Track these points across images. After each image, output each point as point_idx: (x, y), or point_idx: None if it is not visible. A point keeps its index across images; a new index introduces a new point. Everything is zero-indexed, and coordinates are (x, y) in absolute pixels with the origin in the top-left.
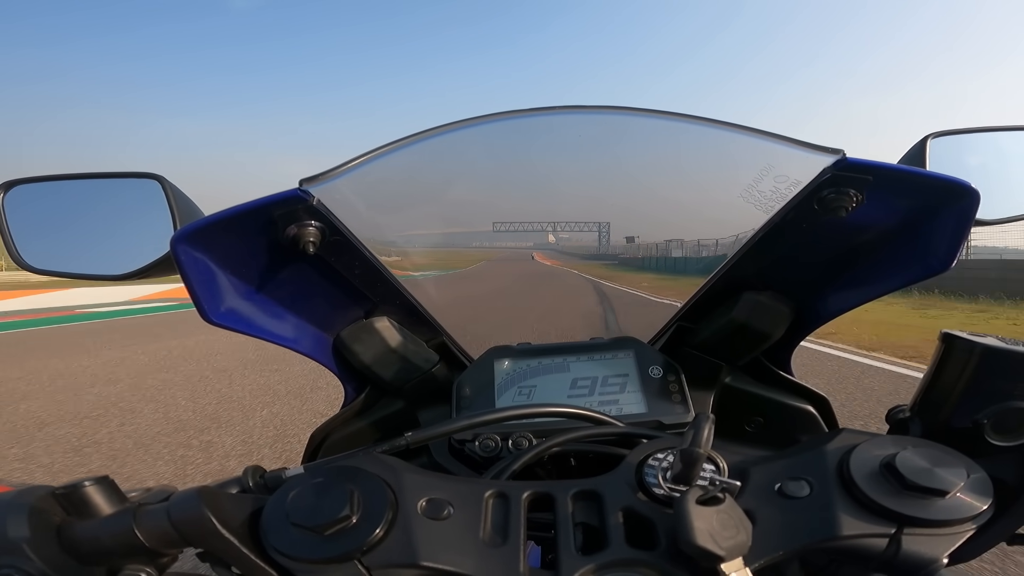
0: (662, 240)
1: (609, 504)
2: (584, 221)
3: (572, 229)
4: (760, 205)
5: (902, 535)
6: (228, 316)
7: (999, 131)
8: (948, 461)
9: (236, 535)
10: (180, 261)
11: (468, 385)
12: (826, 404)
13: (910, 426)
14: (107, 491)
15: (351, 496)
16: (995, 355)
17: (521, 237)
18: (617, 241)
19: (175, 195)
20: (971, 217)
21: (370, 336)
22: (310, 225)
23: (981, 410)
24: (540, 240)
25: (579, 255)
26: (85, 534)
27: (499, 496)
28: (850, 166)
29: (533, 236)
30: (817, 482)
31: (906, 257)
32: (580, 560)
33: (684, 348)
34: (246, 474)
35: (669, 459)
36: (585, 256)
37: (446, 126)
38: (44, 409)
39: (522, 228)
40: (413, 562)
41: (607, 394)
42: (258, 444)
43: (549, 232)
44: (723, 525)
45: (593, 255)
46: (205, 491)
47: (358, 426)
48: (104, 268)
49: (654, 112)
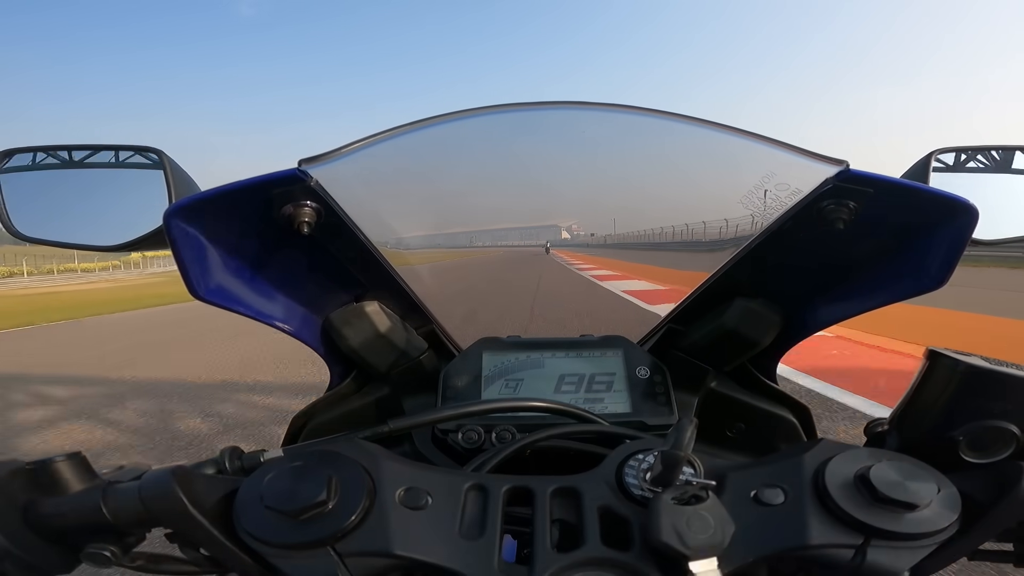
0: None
1: (587, 502)
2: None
3: (572, 233)
4: (759, 212)
5: (868, 546)
6: (217, 292)
7: (1003, 150)
8: (920, 475)
9: (207, 516)
10: (172, 235)
11: (455, 375)
12: (807, 414)
13: (887, 439)
14: (77, 468)
15: (328, 481)
16: (977, 375)
17: (520, 233)
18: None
19: (173, 169)
20: (967, 235)
21: (359, 320)
22: (306, 206)
23: (958, 427)
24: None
25: (588, 245)
26: (51, 510)
27: (478, 489)
28: (853, 178)
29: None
30: (792, 490)
31: (900, 272)
32: (555, 557)
33: (672, 350)
34: (223, 455)
35: (650, 460)
36: (588, 247)
37: (451, 114)
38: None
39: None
40: (387, 551)
41: (593, 392)
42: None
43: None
44: (697, 525)
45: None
46: (179, 471)
47: (342, 411)
48: (95, 239)
49: (658, 112)
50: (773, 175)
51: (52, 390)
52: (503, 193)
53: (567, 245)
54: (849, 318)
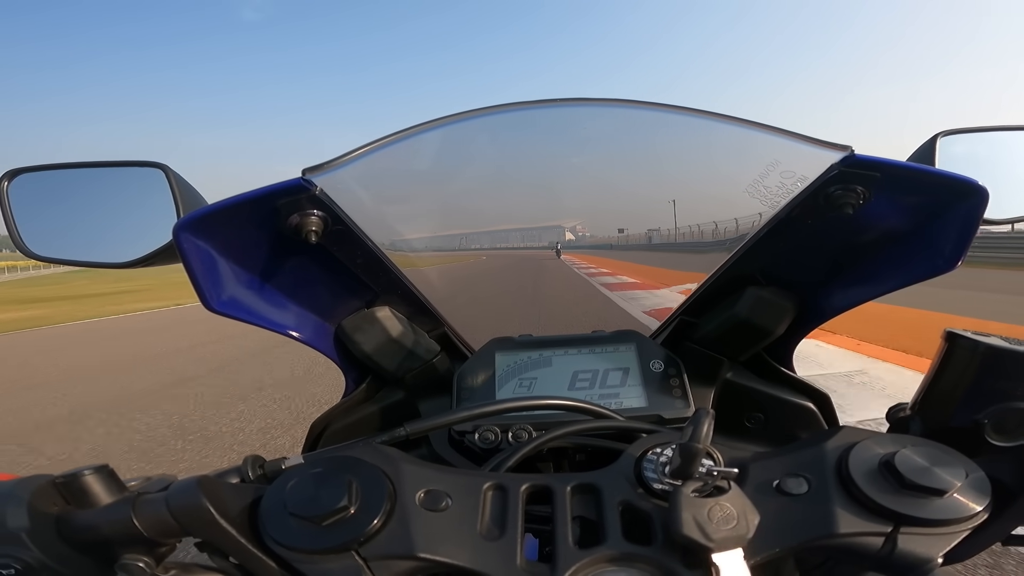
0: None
1: (607, 498)
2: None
3: (576, 234)
4: (766, 200)
5: (898, 534)
6: (230, 304)
7: (1010, 130)
8: (947, 461)
9: (234, 525)
10: (183, 249)
11: (469, 376)
12: (827, 401)
13: (910, 425)
14: (106, 480)
15: (349, 486)
16: (998, 355)
17: (521, 235)
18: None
19: (179, 184)
20: (979, 216)
21: (371, 326)
22: (313, 214)
23: (982, 410)
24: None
25: (596, 247)
26: (84, 523)
27: (497, 488)
28: (858, 163)
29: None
30: (816, 479)
31: (912, 255)
32: (577, 554)
33: (686, 343)
34: (245, 464)
35: (668, 453)
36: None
37: (451, 117)
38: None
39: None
40: (410, 553)
41: (608, 387)
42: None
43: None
44: (720, 517)
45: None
46: (204, 480)
47: (358, 416)
48: (107, 256)
49: (661, 106)
50: (779, 163)
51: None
52: (505, 194)
53: (573, 247)
54: (864, 302)
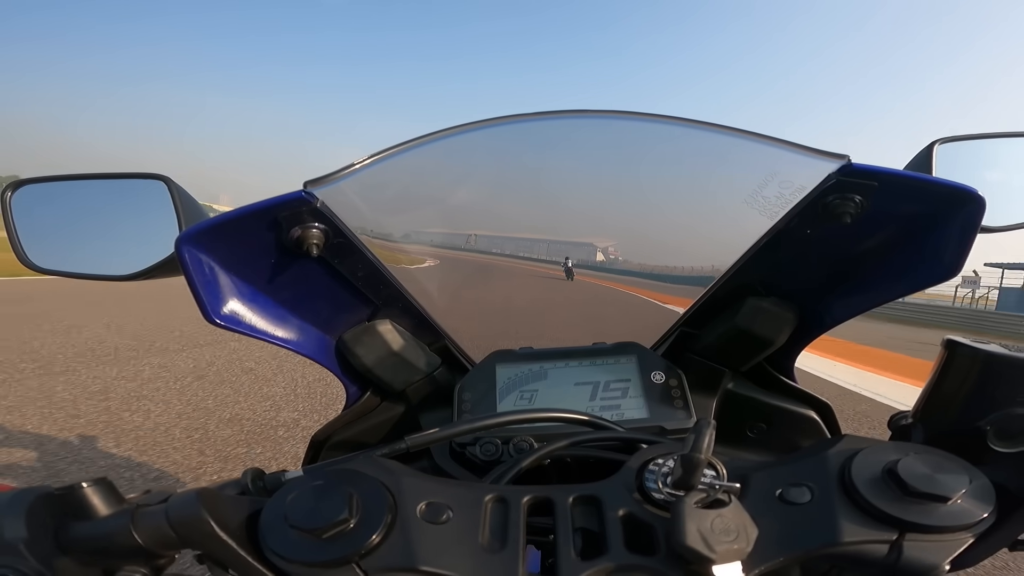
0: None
1: (609, 509)
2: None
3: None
4: (764, 211)
5: (903, 541)
6: (231, 317)
7: (1006, 137)
8: (950, 467)
9: (234, 537)
10: (184, 262)
11: (470, 389)
12: (828, 410)
13: (912, 432)
14: (105, 492)
15: (350, 499)
16: (998, 362)
17: (527, 246)
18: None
19: (180, 196)
20: (977, 224)
21: (372, 339)
22: (314, 227)
23: (983, 416)
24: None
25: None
26: (82, 534)
27: (499, 500)
28: (855, 172)
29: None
30: (818, 488)
31: (911, 263)
32: (579, 565)
33: (687, 353)
34: (245, 476)
35: (669, 464)
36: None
37: (454, 129)
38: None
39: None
40: (411, 566)
41: (609, 399)
42: None
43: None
44: (722, 528)
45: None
46: (204, 493)
47: (359, 429)
48: (109, 268)
49: (660, 117)
50: (777, 173)
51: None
52: (508, 207)
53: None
54: (865, 311)
